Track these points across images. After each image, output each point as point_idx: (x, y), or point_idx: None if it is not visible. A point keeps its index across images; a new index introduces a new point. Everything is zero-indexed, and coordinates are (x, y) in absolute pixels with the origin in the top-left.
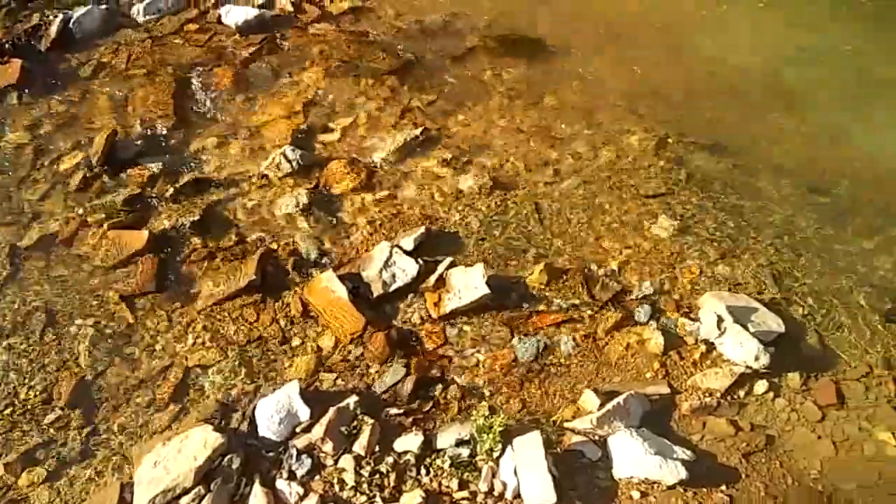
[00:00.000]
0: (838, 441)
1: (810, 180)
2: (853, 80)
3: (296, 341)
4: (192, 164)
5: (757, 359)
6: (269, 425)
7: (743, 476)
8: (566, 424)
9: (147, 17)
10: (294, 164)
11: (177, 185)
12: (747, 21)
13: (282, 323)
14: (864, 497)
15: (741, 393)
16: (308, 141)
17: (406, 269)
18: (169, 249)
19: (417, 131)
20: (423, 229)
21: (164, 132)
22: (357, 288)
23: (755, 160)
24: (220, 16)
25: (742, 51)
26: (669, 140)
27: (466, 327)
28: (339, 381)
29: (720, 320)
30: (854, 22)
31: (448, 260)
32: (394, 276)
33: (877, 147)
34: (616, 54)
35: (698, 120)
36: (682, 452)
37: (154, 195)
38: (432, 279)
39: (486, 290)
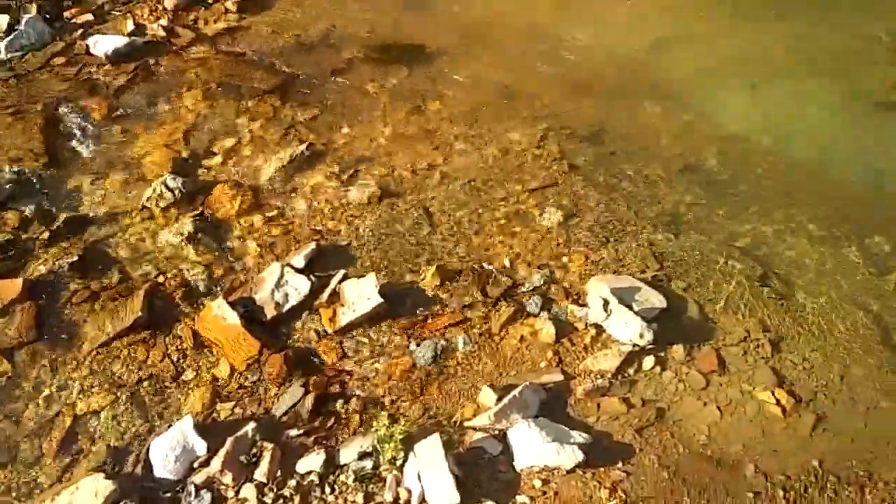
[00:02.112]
0: (722, 405)
1: (684, 160)
2: (717, 62)
3: (189, 374)
4: (67, 203)
5: (641, 336)
6: (164, 465)
7: (637, 451)
8: (467, 423)
9: (10, 55)
10: (176, 192)
11: (52, 227)
12: (616, 11)
13: (174, 357)
14: (749, 455)
15: (631, 371)
16: (190, 167)
17: (298, 287)
18: (48, 295)
19: (302, 147)
20: (313, 245)
21: (36, 172)
22: (250, 312)
23: (632, 146)
24: (88, 47)
25: (614, 41)
26: (550, 134)
27: (363, 339)
28: (236, 410)
29: (606, 303)
30: (718, 6)
31: (341, 273)
32: (286, 295)
33: (742, 124)
34: (494, 55)
35: (577, 112)
36: (579, 436)
37: (28, 239)
38: (326, 294)
39: (380, 300)
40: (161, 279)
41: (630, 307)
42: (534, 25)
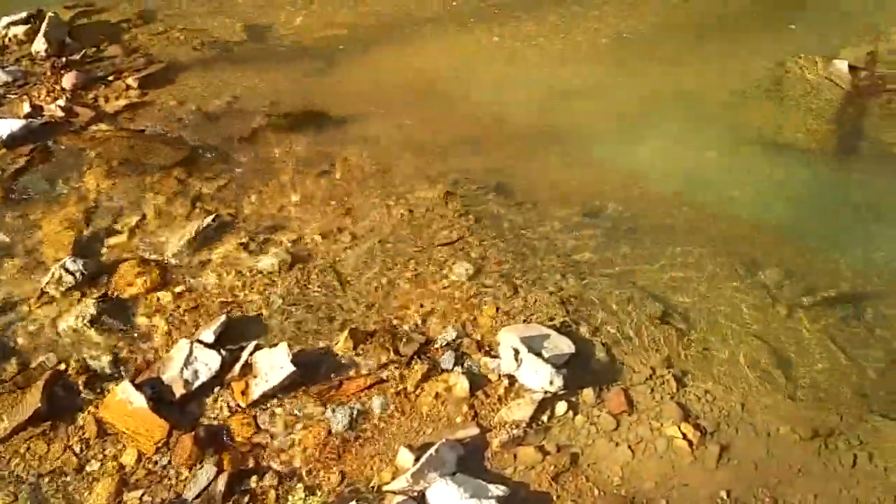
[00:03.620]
0: (633, 444)
1: (586, 206)
2: (614, 111)
3: (94, 465)
4: None
5: (552, 382)
6: None
7: (554, 498)
8: (385, 487)
9: None
10: (77, 275)
11: None
12: (516, 68)
13: (76, 448)
14: (661, 492)
15: (544, 418)
16: (93, 248)
17: (208, 362)
18: None
19: (210, 219)
20: (223, 318)
21: None
22: (158, 393)
23: (537, 195)
24: None
25: (515, 96)
26: (457, 190)
27: (278, 409)
28: (145, 498)
29: (516, 352)
30: (611, 59)
31: (252, 344)
32: (196, 372)
33: (639, 169)
34: (398, 116)
35: (482, 166)
36: (496, 489)
37: None
38: (237, 367)
39: (292, 369)
40: (62, 366)
41: (540, 355)
42: (436, 86)
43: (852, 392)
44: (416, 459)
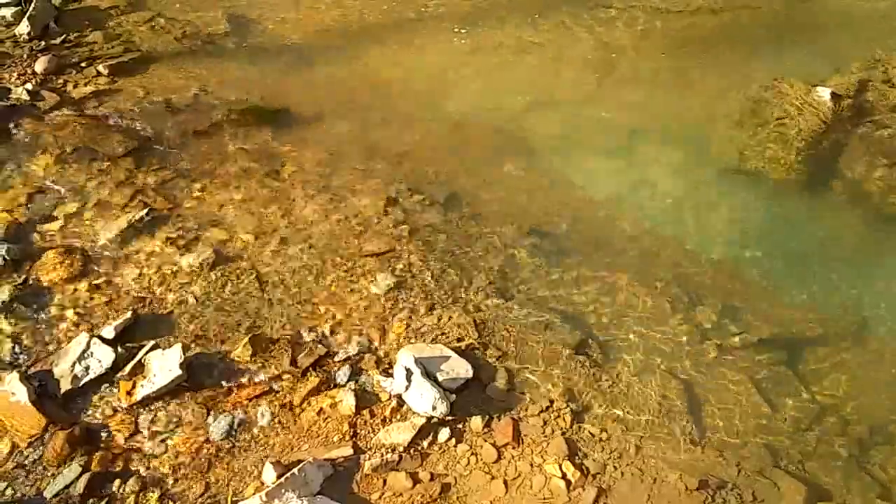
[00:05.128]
0: (510, 479)
1: (532, 224)
2: (580, 129)
3: None
4: None
5: (434, 408)
6: None
7: None
8: None
9: None
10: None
11: None
12: (476, 80)
13: None
14: None
15: (425, 443)
16: (25, 233)
17: (102, 359)
18: None
19: (143, 212)
20: (129, 314)
21: None
22: (44, 386)
23: (483, 210)
24: None
25: (481, 108)
26: (399, 198)
27: (161, 413)
28: (8, 491)
29: (409, 373)
30: (584, 75)
31: (150, 344)
32: (88, 368)
33: (594, 189)
34: (359, 120)
35: (436, 176)
36: None
37: None
38: (129, 367)
39: (179, 372)
40: None
41: (434, 377)
42: (404, 91)
43: (763, 444)
44: (280, 476)
